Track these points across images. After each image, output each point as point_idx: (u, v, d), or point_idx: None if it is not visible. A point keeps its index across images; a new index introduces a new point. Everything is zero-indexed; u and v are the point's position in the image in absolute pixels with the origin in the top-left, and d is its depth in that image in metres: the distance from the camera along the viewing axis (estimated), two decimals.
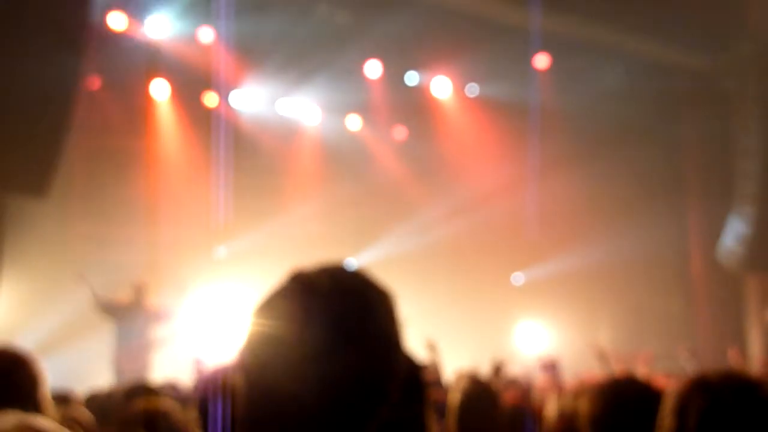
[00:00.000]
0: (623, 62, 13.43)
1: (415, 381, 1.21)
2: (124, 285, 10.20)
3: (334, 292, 1.10)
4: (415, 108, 13.86)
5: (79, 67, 8.25)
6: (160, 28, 11.69)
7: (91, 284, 9.74)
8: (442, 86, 13.86)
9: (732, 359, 10.42)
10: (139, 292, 10.03)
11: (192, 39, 11.90)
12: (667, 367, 10.35)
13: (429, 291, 12.33)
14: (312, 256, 1.23)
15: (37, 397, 2.09)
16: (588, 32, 12.57)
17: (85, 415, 3.68)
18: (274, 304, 1.13)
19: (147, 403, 2.85)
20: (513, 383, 6.77)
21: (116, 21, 11.07)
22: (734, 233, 12.86)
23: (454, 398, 2.73)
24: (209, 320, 11.21)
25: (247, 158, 12.26)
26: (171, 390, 4.08)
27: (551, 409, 2.33)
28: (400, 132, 14.39)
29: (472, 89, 13.95)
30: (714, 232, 13.42)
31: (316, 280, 1.12)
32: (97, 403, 4.69)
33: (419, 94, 13.88)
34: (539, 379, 8.31)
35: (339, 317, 1.08)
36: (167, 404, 2.82)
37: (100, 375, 9.35)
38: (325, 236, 13.23)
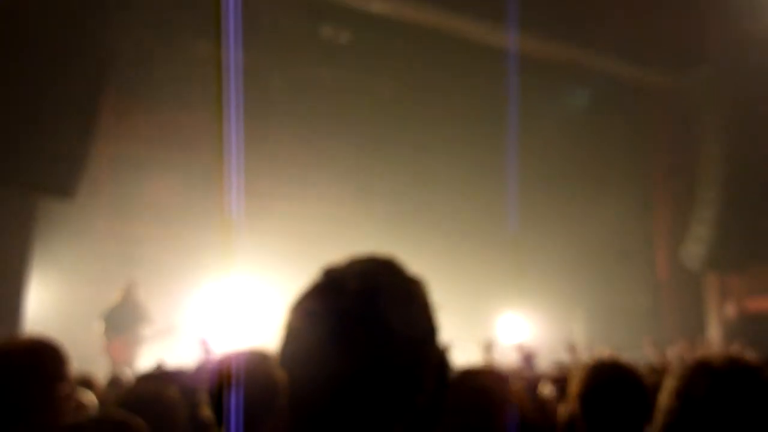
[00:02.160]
0: (595, 81, 13.45)
1: (444, 369, 1.13)
2: (118, 284, 10.08)
3: (365, 288, 1.02)
4: None
5: (104, 79, 8.18)
6: None
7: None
8: None
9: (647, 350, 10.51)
10: (128, 291, 9.94)
11: None
12: (631, 357, 10.30)
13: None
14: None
15: (63, 383, 2.00)
16: (561, 53, 12.54)
17: (109, 398, 3.60)
18: (308, 301, 1.05)
19: (142, 388, 2.74)
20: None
21: None
22: (696, 236, 12.83)
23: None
24: (222, 310, 11.10)
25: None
26: (183, 375, 3.96)
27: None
28: None
29: None
30: (678, 235, 13.40)
31: (347, 276, 1.04)
32: (116, 387, 4.61)
33: None
34: (514, 366, 8.23)
35: (372, 312, 1.00)
36: (163, 389, 2.70)
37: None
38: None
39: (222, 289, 11.38)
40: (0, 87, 7.43)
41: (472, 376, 2.21)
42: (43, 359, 1.99)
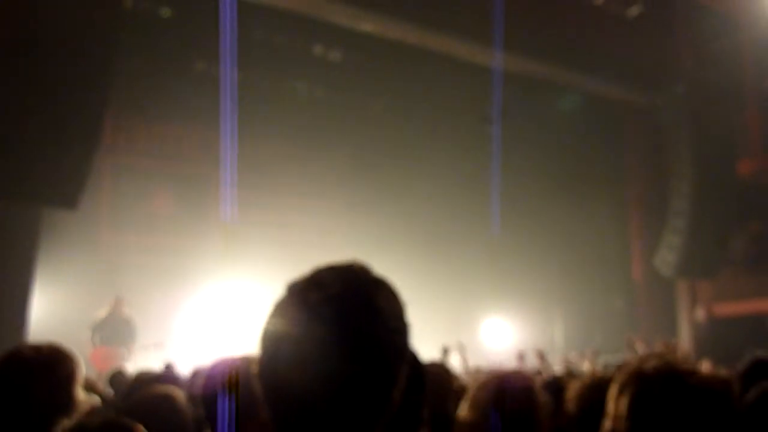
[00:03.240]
0: (574, 97, 13.55)
1: (417, 372, 1.11)
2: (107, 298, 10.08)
3: (341, 294, 1.01)
4: None
5: (107, 95, 8.15)
6: None
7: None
8: None
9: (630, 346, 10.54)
10: (115, 307, 9.91)
11: None
12: (606, 360, 10.37)
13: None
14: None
15: (74, 389, 2.01)
16: (542, 71, 12.62)
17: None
18: (285, 305, 1.04)
19: (154, 388, 2.71)
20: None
21: None
22: (668, 244, 12.91)
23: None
24: (216, 316, 11.04)
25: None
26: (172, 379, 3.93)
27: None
28: None
29: None
30: (652, 243, 13.47)
31: (325, 282, 1.03)
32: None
33: None
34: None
35: (347, 317, 0.99)
36: (172, 390, 2.68)
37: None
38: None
39: (217, 295, 11.34)
40: (5, 101, 7.40)
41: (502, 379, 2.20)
42: (61, 362, 2.00)
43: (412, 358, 1.08)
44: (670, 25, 13.28)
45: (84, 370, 2.12)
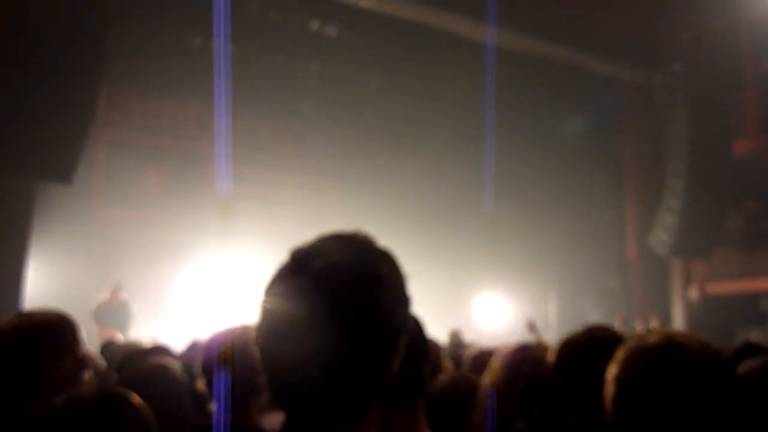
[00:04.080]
0: (570, 75, 13.49)
1: (419, 340, 1.11)
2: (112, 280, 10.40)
3: (344, 261, 1.01)
4: None
5: (101, 70, 8.09)
6: None
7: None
8: None
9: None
10: (114, 293, 10.29)
11: None
12: None
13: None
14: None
15: (79, 352, 2.00)
16: (538, 48, 12.54)
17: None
18: (279, 282, 1.03)
19: (150, 359, 2.72)
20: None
21: None
22: (663, 223, 12.94)
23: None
24: (212, 290, 11.05)
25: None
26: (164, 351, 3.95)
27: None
28: None
29: None
30: (646, 222, 13.50)
31: (312, 254, 1.03)
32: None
33: None
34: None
35: (349, 285, 0.99)
36: (168, 361, 2.68)
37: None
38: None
39: (211, 270, 11.35)
40: None
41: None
42: (64, 329, 1.98)
43: (415, 329, 1.08)
44: (668, 3, 13.19)
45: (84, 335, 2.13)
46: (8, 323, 1.95)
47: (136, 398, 1.62)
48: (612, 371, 1.35)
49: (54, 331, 1.96)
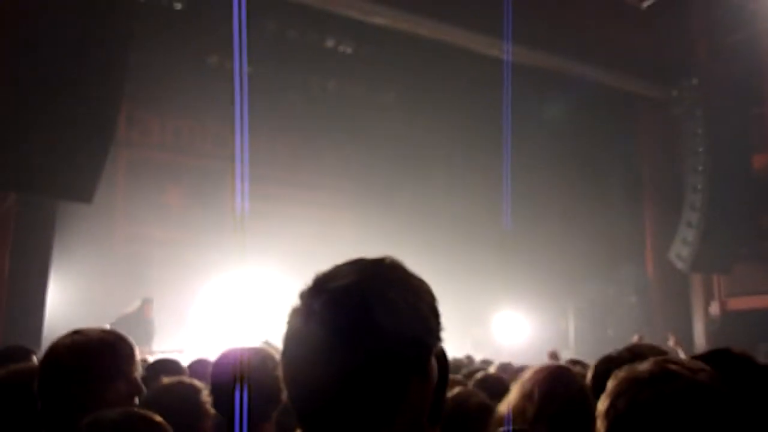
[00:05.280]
0: (588, 90, 13.45)
1: (444, 365, 1.12)
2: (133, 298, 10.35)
3: (351, 285, 1.03)
4: None
5: (121, 90, 8.20)
6: None
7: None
8: None
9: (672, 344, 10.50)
10: (142, 307, 10.26)
11: None
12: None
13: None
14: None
15: (133, 376, 1.99)
16: (556, 63, 12.53)
17: None
18: (306, 296, 1.06)
19: (176, 379, 2.73)
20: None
21: None
22: (682, 239, 12.83)
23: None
24: (230, 307, 11.10)
25: None
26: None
27: None
28: None
29: None
30: (665, 238, 13.38)
31: (341, 273, 1.06)
32: None
33: None
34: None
35: (349, 307, 1.01)
36: (193, 381, 2.69)
37: None
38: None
39: (230, 285, 11.40)
40: (21, 96, 7.46)
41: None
42: (121, 350, 1.98)
43: (440, 354, 1.09)
44: (685, 16, 13.16)
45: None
46: (66, 339, 1.94)
47: (158, 418, 1.63)
48: (602, 405, 1.29)
49: (111, 351, 1.95)
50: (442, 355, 1.10)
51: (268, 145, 13.68)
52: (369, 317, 1.00)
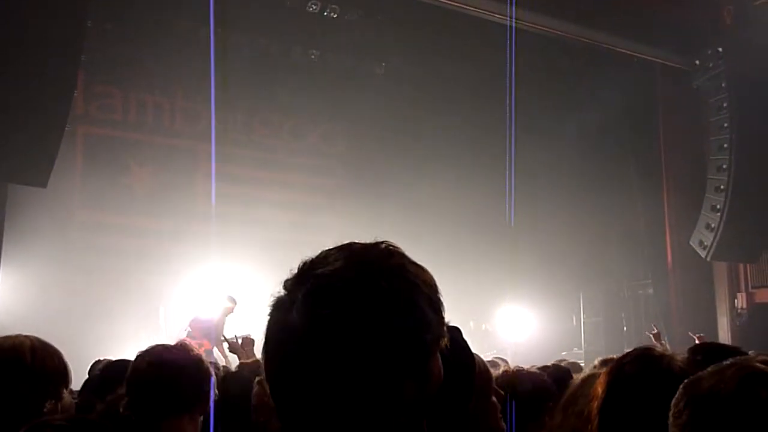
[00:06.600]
0: (606, 62, 13.44)
1: (460, 351, 1.13)
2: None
3: (338, 271, 1.03)
4: None
5: (77, 60, 8.13)
6: None
7: None
8: None
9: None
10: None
11: None
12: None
13: None
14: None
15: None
16: (570, 32, 12.48)
17: None
18: (285, 295, 1.06)
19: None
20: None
21: None
22: (705, 224, 12.86)
23: None
24: (200, 300, 11.06)
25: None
26: None
27: None
28: None
29: None
30: (686, 223, 13.42)
31: (329, 258, 1.06)
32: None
33: None
34: None
35: (336, 294, 1.01)
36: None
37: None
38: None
39: (199, 276, 11.37)
40: None
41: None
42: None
43: (458, 351, 1.09)
44: None
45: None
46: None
47: (107, 426, 1.65)
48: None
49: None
50: (459, 352, 1.09)
51: (243, 122, 13.60)
52: (356, 309, 0.99)
